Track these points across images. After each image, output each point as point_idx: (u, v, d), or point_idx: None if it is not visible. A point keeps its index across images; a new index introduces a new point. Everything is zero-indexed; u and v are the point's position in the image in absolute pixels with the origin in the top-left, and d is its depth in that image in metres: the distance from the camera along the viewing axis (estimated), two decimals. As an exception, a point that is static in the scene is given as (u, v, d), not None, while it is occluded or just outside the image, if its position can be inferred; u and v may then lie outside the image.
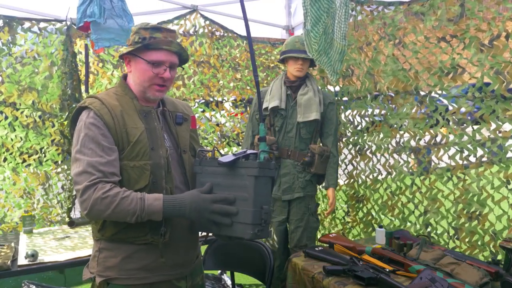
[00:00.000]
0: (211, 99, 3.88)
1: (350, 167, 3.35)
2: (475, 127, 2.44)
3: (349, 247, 2.17)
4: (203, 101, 3.97)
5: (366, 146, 3.15)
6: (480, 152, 2.43)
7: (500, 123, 2.31)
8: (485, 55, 2.29)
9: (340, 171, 3.44)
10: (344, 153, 3.38)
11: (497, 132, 2.34)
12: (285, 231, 2.97)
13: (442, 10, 2.43)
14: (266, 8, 4.00)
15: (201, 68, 3.73)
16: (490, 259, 2.05)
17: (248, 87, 3.99)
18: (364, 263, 1.91)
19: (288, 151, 2.85)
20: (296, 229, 2.86)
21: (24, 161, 3.26)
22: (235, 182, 1.40)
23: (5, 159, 3.19)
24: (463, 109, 2.48)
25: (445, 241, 2.60)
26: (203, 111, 3.88)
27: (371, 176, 3.16)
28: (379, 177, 3.09)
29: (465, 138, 2.47)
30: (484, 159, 2.43)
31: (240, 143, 3.97)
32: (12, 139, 3.17)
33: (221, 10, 3.81)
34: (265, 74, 4.09)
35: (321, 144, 2.93)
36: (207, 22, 3.67)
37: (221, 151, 3.91)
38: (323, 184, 2.95)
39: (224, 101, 3.94)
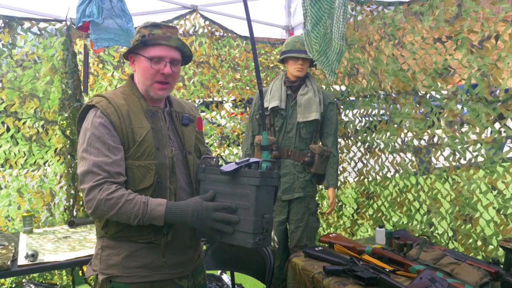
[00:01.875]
0: (211, 100, 3.87)
1: (360, 165, 3.37)
2: (464, 129, 2.45)
3: (349, 247, 2.17)
4: (202, 101, 3.96)
5: (375, 144, 3.18)
6: (469, 155, 2.44)
7: (483, 127, 2.30)
8: (474, 56, 2.27)
9: (349, 169, 3.46)
10: (353, 151, 3.41)
11: (481, 136, 2.33)
12: (285, 231, 2.97)
13: (441, 10, 2.41)
14: (266, 8, 4.00)
15: (200, 69, 3.73)
16: (490, 259, 2.05)
17: (248, 87, 3.99)
18: (364, 263, 1.91)
19: (288, 151, 2.85)
20: (296, 229, 2.86)
21: (28, 179, 3.14)
22: (237, 191, 1.41)
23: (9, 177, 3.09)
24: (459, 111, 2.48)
25: (446, 242, 2.61)
26: (204, 113, 3.87)
27: (380, 174, 3.18)
28: (388, 175, 3.12)
29: (457, 140, 2.49)
30: (474, 161, 2.44)
31: (241, 145, 3.97)
32: (15, 154, 3.07)
33: (221, 10, 3.81)
34: (264, 74, 4.08)
35: (321, 144, 2.93)
36: (207, 22, 3.66)
37: (222, 153, 3.90)
38: (324, 185, 2.95)
39: (224, 101, 3.93)
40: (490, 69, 2.21)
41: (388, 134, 3.01)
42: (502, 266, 1.88)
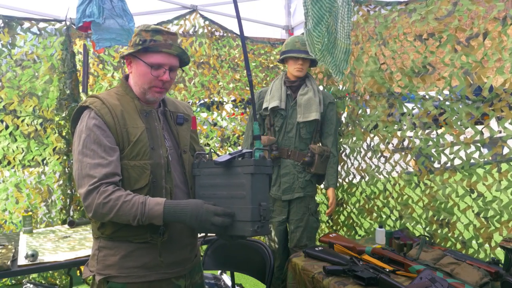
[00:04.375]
0: (212, 101, 3.87)
1: None
2: (439, 131, 2.39)
3: (349, 247, 2.17)
4: (202, 102, 3.95)
5: (342, 149, 3.15)
6: (444, 158, 2.39)
7: (463, 127, 2.24)
8: (458, 54, 2.22)
9: None
10: None
11: (460, 137, 2.28)
12: (285, 231, 2.97)
13: (434, 8, 2.34)
14: (266, 8, 4.00)
15: (201, 70, 3.72)
16: (489, 259, 2.05)
17: (248, 88, 3.99)
18: (364, 263, 1.91)
19: (288, 151, 2.85)
20: (296, 229, 2.86)
21: (26, 175, 3.16)
22: (232, 181, 1.42)
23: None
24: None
25: None
26: (205, 114, 3.86)
27: (347, 180, 3.15)
28: (354, 181, 3.09)
29: (430, 142, 2.44)
30: (450, 164, 2.38)
31: (241, 145, 3.96)
32: (13, 151, 3.08)
33: (221, 10, 3.81)
34: (264, 74, 4.08)
35: (321, 144, 2.93)
36: (207, 22, 3.66)
37: (221, 153, 3.89)
38: (323, 184, 2.95)
39: (224, 102, 3.92)
40: (475, 67, 2.16)
41: (354, 139, 2.96)
42: (502, 266, 1.88)
